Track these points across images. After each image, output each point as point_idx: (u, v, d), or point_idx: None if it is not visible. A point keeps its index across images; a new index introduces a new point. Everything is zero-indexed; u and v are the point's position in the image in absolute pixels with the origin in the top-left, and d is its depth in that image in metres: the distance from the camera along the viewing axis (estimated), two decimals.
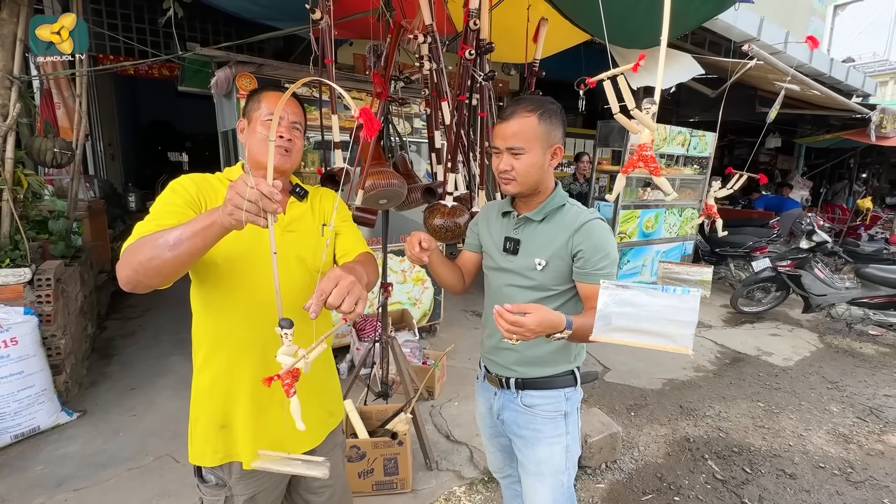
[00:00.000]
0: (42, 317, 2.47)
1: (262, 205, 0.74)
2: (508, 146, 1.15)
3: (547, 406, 1.27)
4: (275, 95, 1.13)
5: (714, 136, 5.09)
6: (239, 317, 1.06)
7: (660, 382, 3.29)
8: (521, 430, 1.30)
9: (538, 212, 1.22)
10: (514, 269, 1.24)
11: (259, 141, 1.09)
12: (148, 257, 0.82)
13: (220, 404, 1.08)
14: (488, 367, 1.37)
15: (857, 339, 4.31)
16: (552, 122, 1.14)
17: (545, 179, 1.20)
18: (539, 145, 1.14)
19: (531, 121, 1.12)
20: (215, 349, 1.08)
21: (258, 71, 2.62)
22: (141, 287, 0.86)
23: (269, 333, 1.04)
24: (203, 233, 0.81)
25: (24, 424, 2.29)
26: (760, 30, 4.79)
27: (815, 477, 2.33)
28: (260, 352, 1.07)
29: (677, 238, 5.21)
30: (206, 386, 1.09)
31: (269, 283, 1.05)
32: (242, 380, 1.08)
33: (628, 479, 2.27)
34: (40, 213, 2.99)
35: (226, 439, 1.09)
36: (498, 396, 1.35)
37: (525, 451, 1.31)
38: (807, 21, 8.96)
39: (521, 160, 1.14)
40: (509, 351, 1.27)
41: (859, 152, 8.94)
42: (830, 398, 3.17)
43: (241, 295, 1.05)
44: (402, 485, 2.05)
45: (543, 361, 1.27)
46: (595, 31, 2.62)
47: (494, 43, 1.46)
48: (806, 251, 4.54)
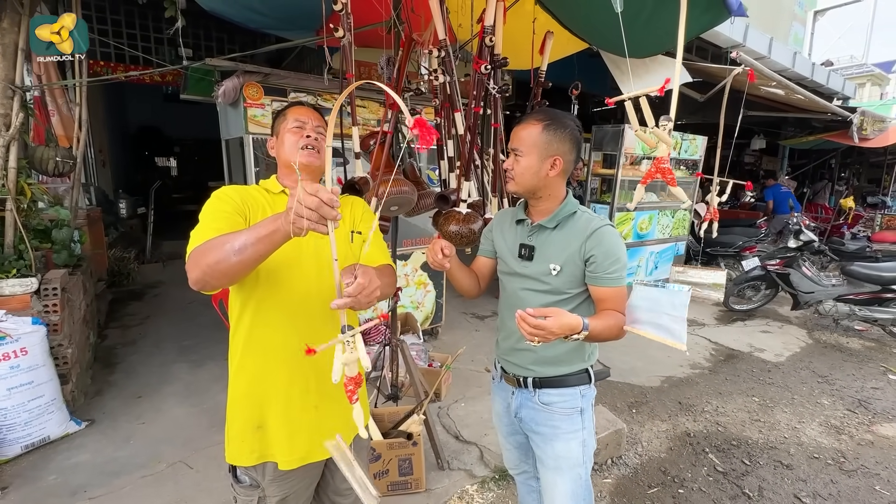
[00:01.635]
0: (49, 326, 2.47)
1: (323, 212, 0.78)
2: (512, 147, 1.25)
3: (563, 403, 1.33)
4: (300, 107, 1.22)
5: (704, 140, 5.23)
6: (276, 319, 1.10)
7: (658, 380, 3.38)
8: (539, 427, 1.36)
9: (551, 219, 1.28)
10: (530, 275, 1.30)
11: (290, 146, 1.17)
12: (215, 260, 0.87)
13: (257, 405, 1.12)
14: (505, 367, 1.43)
15: (844, 335, 4.47)
16: (556, 134, 1.21)
17: (545, 186, 1.27)
18: (537, 152, 1.22)
19: (535, 129, 1.22)
20: (252, 352, 1.12)
21: (265, 80, 2.65)
22: (208, 287, 0.92)
23: (305, 335, 1.10)
24: (267, 239, 0.85)
25: (34, 434, 2.29)
26: (746, 36, 4.95)
27: (810, 467, 2.44)
28: (295, 353, 1.11)
29: (670, 239, 5.34)
30: (244, 388, 1.13)
31: (306, 286, 1.12)
32: (277, 382, 1.12)
33: (634, 474, 2.34)
34: (42, 222, 2.97)
35: (261, 440, 1.13)
36: (515, 395, 1.40)
37: (543, 447, 1.37)
38: (789, 26, 9.23)
39: (519, 162, 1.24)
40: (527, 352, 1.33)
41: (840, 153, 9.22)
42: (821, 392, 3.29)
43: (280, 298, 1.10)
44: (417, 485, 2.10)
45: (559, 361, 1.33)
46: (593, 40, 2.70)
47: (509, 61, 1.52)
48: (794, 250, 4.69)
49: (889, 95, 13.70)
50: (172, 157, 10.98)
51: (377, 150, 1.85)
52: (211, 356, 3.39)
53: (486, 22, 1.44)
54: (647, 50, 2.39)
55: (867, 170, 10.67)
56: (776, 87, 5.01)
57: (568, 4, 2.22)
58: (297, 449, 1.14)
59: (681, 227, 5.46)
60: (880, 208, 8.90)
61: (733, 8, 1.70)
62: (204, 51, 5.41)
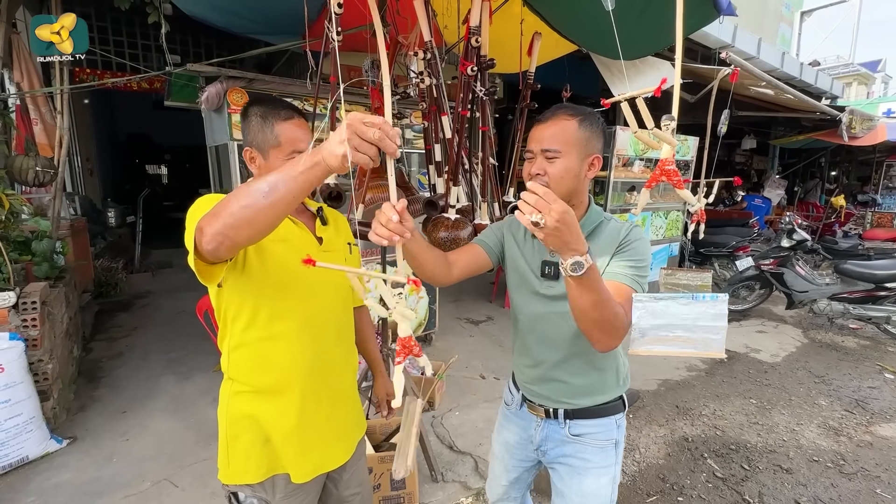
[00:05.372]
0: (28, 341, 2.39)
1: (383, 146, 0.68)
2: (544, 148, 1.05)
3: (598, 434, 1.19)
4: (290, 129, 1.05)
5: (695, 140, 5.24)
6: (289, 334, 1.06)
7: (655, 383, 3.35)
8: (568, 459, 1.22)
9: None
10: (556, 296, 1.12)
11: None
12: (241, 205, 0.74)
13: (266, 422, 1.07)
14: (529, 397, 1.27)
15: (839, 333, 4.46)
16: (593, 129, 1.06)
17: (580, 191, 1.10)
18: (577, 151, 1.04)
19: (571, 124, 1.04)
20: (261, 369, 1.07)
21: (249, 85, 2.60)
22: (226, 245, 0.78)
23: (318, 349, 1.10)
24: (306, 175, 0.72)
25: (11, 455, 2.20)
26: (735, 37, 4.97)
27: (810, 471, 2.40)
28: (310, 368, 1.09)
29: (664, 240, 5.33)
30: (249, 406, 1.07)
31: (321, 299, 1.10)
32: (290, 398, 1.08)
33: (632, 482, 2.29)
34: (22, 233, 2.89)
35: (270, 454, 1.09)
36: (541, 427, 1.25)
37: (568, 482, 1.21)
38: (776, 27, 9.31)
39: (555, 164, 1.04)
40: (558, 383, 1.19)
41: (829, 152, 9.30)
42: (818, 392, 3.27)
43: (295, 312, 1.06)
44: (410, 499, 2.03)
45: (593, 390, 1.19)
46: (582, 42, 2.68)
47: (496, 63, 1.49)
48: (787, 249, 4.68)
49: (875, 94, 13.88)
50: (163, 165, 10.87)
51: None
52: (199, 368, 3.31)
53: (472, 23, 1.40)
54: (637, 52, 2.36)
55: (856, 168, 10.79)
56: (766, 87, 5.03)
57: (555, 5, 2.19)
58: (310, 461, 1.11)
59: (674, 228, 5.45)
60: (871, 206, 8.97)
61: (723, 7, 1.67)
62: (192, 57, 5.35)
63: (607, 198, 4.65)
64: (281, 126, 1.05)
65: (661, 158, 0.86)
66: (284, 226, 1.07)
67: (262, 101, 1.09)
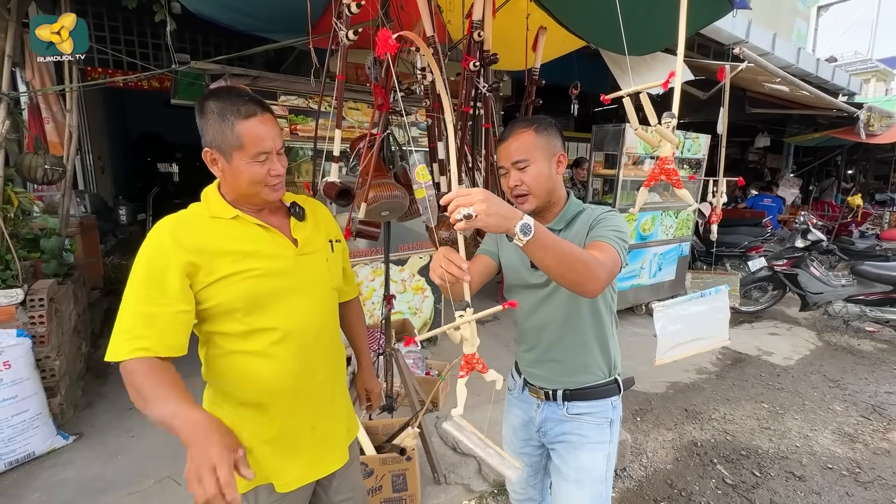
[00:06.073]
0: (35, 338, 2.41)
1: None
2: (513, 161, 1.17)
3: (595, 413, 1.28)
4: (253, 128, 0.95)
5: (707, 138, 5.14)
6: (268, 350, 1.01)
7: (663, 386, 3.29)
8: (566, 436, 1.30)
9: (559, 220, 1.22)
10: (546, 283, 1.22)
11: (253, 182, 0.98)
12: (133, 397, 0.87)
13: (247, 431, 1.04)
14: (530, 379, 1.36)
15: (855, 336, 4.35)
16: (548, 132, 1.18)
17: (556, 188, 1.21)
18: (542, 154, 1.17)
19: (528, 134, 1.17)
20: (240, 385, 1.03)
21: (253, 83, 2.59)
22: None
23: (299, 360, 1.04)
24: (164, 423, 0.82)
25: (18, 451, 2.22)
26: (748, 32, 4.86)
27: (823, 479, 2.33)
28: (293, 381, 1.04)
29: (674, 240, 5.23)
30: (230, 416, 1.02)
31: (302, 313, 1.04)
32: (272, 412, 1.04)
33: (639, 487, 2.25)
34: (31, 231, 2.92)
35: (253, 466, 1.05)
36: (541, 408, 1.34)
37: (566, 457, 1.30)
38: (791, 22, 9.12)
39: (528, 172, 1.16)
40: (553, 363, 1.28)
41: (846, 150, 9.08)
42: (833, 397, 3.18)
43: (273, 328, 1.01)
44: (412, 501, 2.01)
45: (586, 368, 1.27)
46: (590, 37, 2.63)
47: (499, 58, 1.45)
48: (801, 250, 4.58)
49: (894, 91, 13.53)
50: (174, 163, 10.98)
51: (366, 153, 1.78)
52: None
53: (475, 17, 1.37)
54: (647, 47, 2.31)
55: (874, 166, 10.52)
56: (780, 84, 4.91)
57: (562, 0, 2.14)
58: (295, 471, 1.08)
59: (685, 227, 5.35)
60: (889, 205, 8.74)
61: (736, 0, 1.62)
62: (202, 55, 5.37)
63: (616, 196, 4.57)
64: (242, 125, 0.94)
65: (661, 157, 0.82)
66: (251, 235, 1.01)
67: (219, 95, 0.96)
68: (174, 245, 0.92)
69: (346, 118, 3.03)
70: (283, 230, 1.06)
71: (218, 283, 0.95)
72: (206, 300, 0.96)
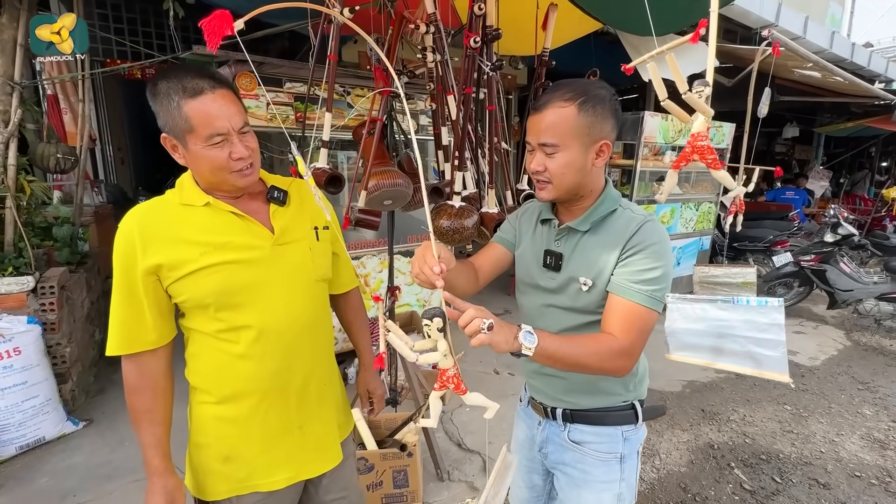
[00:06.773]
0: (46, 325, 2.44)
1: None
2: (541, 142, 0.95)
3: (599, 445, 1.08)
4: (201, 107, 0.85)
5: (731, 127, 4.92)
6: (245, 346, 0.96)
7: (679, 384, 3.17)
8: (567, 469, 1.12)
9: (583, 220, 1.01)
10: (556, 289, 1.04)
11: (216, 168, 0.90)
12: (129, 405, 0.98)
13: (224, 436, 1.00)
14: (531, 392, 1.21)
15: (887, 336, 4.12)
16: (596, 112, 0.92)
17: (589, 182, 0.99)
18: (577, 142, 0.93)
19: (568, 112, 0.91)
20: (217, 382, 0.99)
21: (259, 69, 2.55)
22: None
23: (282, 357, 0.99)
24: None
25: (28, 435, 2.26)
26: (778, 15, 4.61)
27: (850, 487, 2.20)
28: (273, 378, 0.99)
29: (694, 233, 5.05)
30: (205, 418, 1.00)
31: (278, 308, 0.98)
32: (252, 411, 0.99)
33: (650, 490, 2.16)
34: (45, 219, 2.96)
35: (229, 474, 1.01)
36: (542, 427, 1.17)
37: (568, 492, 1.13)
38: (825, 6, 8.65)
39: (554, 159, 0.94)
40: (554, 378, 1.09)
41: (881, 140, 8.63)
42: (862, 400, 3.02)
43: (249, 324, 0.96)
44: (413, 497, 1.97)
45: (596, 389, 1.07)
46: (606, 18, 2.50)
47: (501, 33, 1.35)
48: (831, 245, 4.36)
49: None
50: None
51: (366, 138, 1.72)
52: None
53: None
54: (665, 26, 2.17)
55: None
56: (812, 70, 4.66)
57: None
58: (281, 471, 1.03)
59: (705, 220, 5.15)
60: None
61: None
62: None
63: (633, 188, 4.41)
64: (189, 105, 0.84)
65: (693, 132, 0.72)
66: (222, 224, 0.94)
67: (167, 74, 0.87)
68: (140, 240, 0.89)
69: (353, 106, 2.97)
70: (260, 217, 0.99)
71: (187, 278, 0.90)
72: (177, 295, 0.93)
